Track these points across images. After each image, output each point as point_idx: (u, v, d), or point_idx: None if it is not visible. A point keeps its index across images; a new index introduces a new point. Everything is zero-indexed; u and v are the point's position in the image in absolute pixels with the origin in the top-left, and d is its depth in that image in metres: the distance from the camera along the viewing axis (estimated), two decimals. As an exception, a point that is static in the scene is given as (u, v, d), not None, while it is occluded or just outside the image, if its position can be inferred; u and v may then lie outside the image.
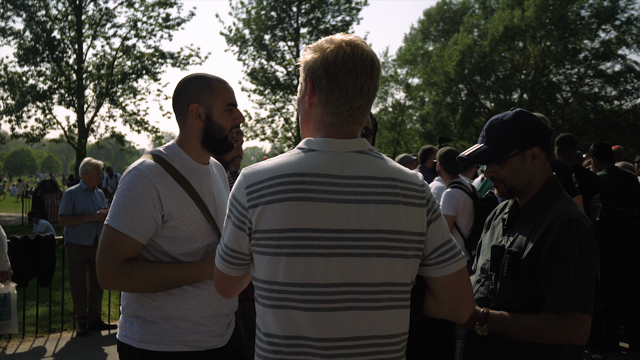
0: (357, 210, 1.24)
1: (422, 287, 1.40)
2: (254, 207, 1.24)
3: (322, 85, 1.29)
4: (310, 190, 1.22)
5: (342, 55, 1.28)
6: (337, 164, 1.27)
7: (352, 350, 1.23)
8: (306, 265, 1.21)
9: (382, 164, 1.31)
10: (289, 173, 1.24)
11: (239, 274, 1.37)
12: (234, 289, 1.46)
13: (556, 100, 25.36)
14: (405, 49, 33.32)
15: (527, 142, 1.77)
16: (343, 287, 1.23)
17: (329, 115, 1.31)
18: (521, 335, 1.65)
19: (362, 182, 1.26)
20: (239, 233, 1.28)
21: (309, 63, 1.32)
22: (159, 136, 21.37)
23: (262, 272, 1.26)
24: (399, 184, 1.28)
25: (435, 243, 1.32)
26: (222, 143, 1.89)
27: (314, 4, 21.92)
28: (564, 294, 1.60)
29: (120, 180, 1.82)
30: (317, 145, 1.29)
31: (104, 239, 1.76)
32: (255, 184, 1.25)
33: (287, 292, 1.22)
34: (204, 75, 1.94)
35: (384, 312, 1.26)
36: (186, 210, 1.80)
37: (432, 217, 1.32)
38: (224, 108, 1.87)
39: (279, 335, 1.24)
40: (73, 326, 5.80)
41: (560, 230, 1.65)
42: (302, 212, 1.21)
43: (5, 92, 19.69)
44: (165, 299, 1.81)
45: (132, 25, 20.26)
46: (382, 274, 1.25)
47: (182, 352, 1.80)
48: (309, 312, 1.22)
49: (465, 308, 1.38)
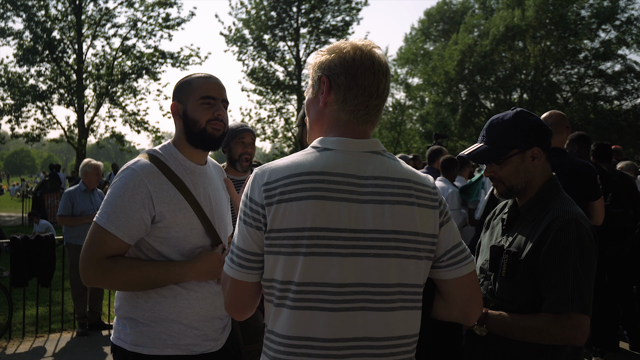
0: (373, 210, 1.24)
1: (431, 289, 1.41)
2: (270, 205, 1.22)
3: (340, 82, 1.30)
4: (327, 189, 1.22)
5: (360, 55, 1.30)
6: (354, 163, 1.27)
7: (364, 350, 1.23)
8: (323, 265, 1.21)
9: (396, 165, 1.32)
10: (307, 171, 1.23)
11: (256, 280, 1.31)
12: (253, 300, 1.35)
13: (556, 100, 25.33)
14: (406, 48, 33.32)
15: (527, 142, 1.77)
16: (357, 288, 1.23)
17: (345, 112, 1.31)
18: (520, 336, 1.65)
19: (377, 183, 1.26)
20: (256, 233, 1.26)
21: (325, 63, 1.33)
22: (159, 136, 21.37)
23: (277, 272, 1.24)
24: (413, 186, 1.29)
25: (447, 245, 1.33)
26: (201, 137, 1.85)
27: (314, 4, 21.90)
28: (562, 295, 1.60)
29: (114, 178, 1.82)
30: (332, 145, 1.30)
31: (90, 236, 1.75)
32: (273, 182, 1.24)
33: (303, 292, 1.22)
34: (193, 73, 1.94)
35: (397, 313, 1.26)
36: (179, 210, 1.78)
37: (444, 220, 1.34)
38: (199, 102, 1.85)
39: (291, 336, 1.23)
40: (73, 326, 5.80)
41: (560, 230, 1.65)
42: (320, 211, 1.21)
43: (5, 92, 19.68)
44: (158, 301, 1.79)
45: (132, 25, 20.24)
46: (396, 275, 1.25)
47: (175, 355, 1.79)
48: (323, 312, 1.21)
49: (475, 310, 1.39)
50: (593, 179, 3.53)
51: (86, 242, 1.75)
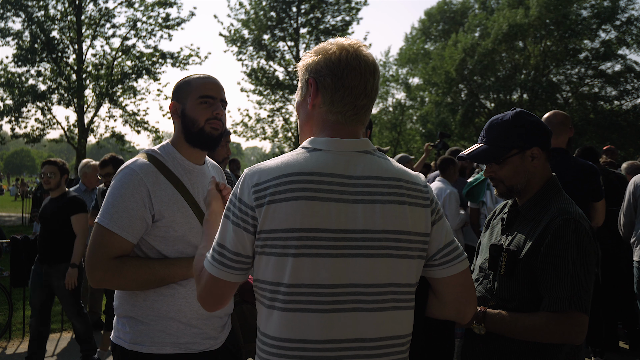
0: (364, 210, 1.23)
1: (425, 288, 1.40)
2: (261, 206, 1.21)
3: (327, 84, 1.29)
4: (317, 189, 1.21)
5: (345, 55, 1.29)
6: (343, 163, 1.27)
7: (357, 352, 1.23)
8: (313, 266, 1.20)
9: (387, 164, 1.31)
10: (296, 172, 1.22)
11: (239, 280, 1.29)
12: (228, 298, 1.34)
13: (556, 100, 25.33)
14: (407, 48, 33.32)
15: (526, 142, 1.77)
16: (349, 288, 1.22)
17: (333, 114, 1.31)
18: (518, 334, 1.65)
19: (368, 182, 1.26)
20: (244, 235, 1.24)
21: (311, 65, 1.33)
22: (159, 136, 21.36)
23: (267, 273, 1.23)
24: (404, 185, 1.28)
25: (440, 244, 1.33)
26: (199, 136, 1.86)
27: (313, 4, 21.90)
28: (561, 293, 1.60)
29: (113, 178, 1.82)
30: (322, 145, 1.29)
31: (94, 237, 1.75)
32: (262, 182, 1.23)
33: (293, 293, 1.21)
34: (192, 74, 1.95)
35: (389, 313, 1.26)
36: (177, 210, 1.79)
37: (436, 218, 1.33)
38: (197, 101, 1.85)
39: (283, 338, 1.22)
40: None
41: (559, 229, 1.65)
42: (309, 211, 1.20)
43: (4, 92, 19.68)
44: (156, 299, 1.79)
45: (132, 25, 20.23)
46: (388, 275, 1.25)
47: (174, 354, 1.79)
48: (315, 314, 1.21)
49: (469, 308, 1.39)
50: (597, 180, 3.55)
51: (91, 244, 1.75)
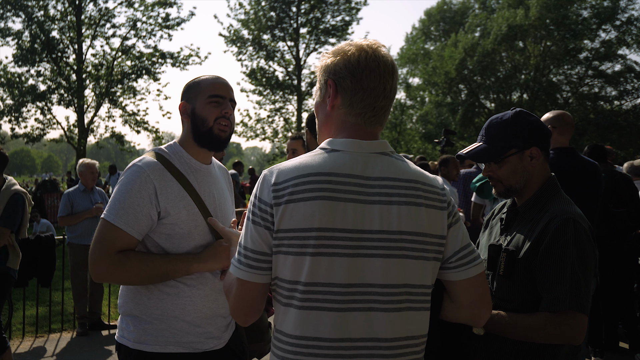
0: (381, 211, 1.25)
1: (440, 291, 1.41)
2: (279, 205, 1.23)
3: (346, 86, 1.30)
4: (335, 190, 1.23)
5: (364, 57, 1.30)
6: (361, 164, 1.28)
7: (372, 351, 1.24)
8: (330, 266, 1.22)
9: (404, 166, 1.32)
10: (315, 172, 1.24)
11: (264, 281, 1.29)
12: (259, 304, 1.32)
13: (556, 100, 25.34)
14: (407, 48, 33.31)
15: (525, 142, 1.77)
16: (364, 288, 1.23)
17: (352, 115, 1.32)
18: (517, 335, 1.65)
19: (385, 184, 1.27)
20: (265, 232, 1.25)
21: (330, 66, 1.34)
22: (158, 136, 21.37)
23: (285, 271, 1.25)
24: (421, 187, 1.29)
25: (456, 246, 1.33)
26: (207, 136, 1.88)
27: (313, 4, 21.91)
28: (560, 294, 1.60)
29: (120, 175, 1.83)
30: (340, 146, 1.30)
31: (99, 232, 1.76)
32: (282, 182, 1.25)
33: (309, 292, 1.22)
34: (201, 75, 1.97)
35: (404, 314, 1.26)
36: (183, 207, 1.80)
37: (452, 221, 1.34)
38: (207, 100, 1.87)
39: (298, 336, 1.24)
40: (73, 326, 5.81)
41: (558, 229, 1.65)
42: (327, 211, 1.21)
43: (4, 92, 19.68)
44: (161, 298, 1.80)
45: (132, 25, 20.24)
46: (403, 276, 1.26)
47: (177, 353, 1.80)
48: (330, 313, 1.22)
49: (484, 311, 1.39)
50: (600, 180, 3.56)
51: (95, 239, 1.76)
